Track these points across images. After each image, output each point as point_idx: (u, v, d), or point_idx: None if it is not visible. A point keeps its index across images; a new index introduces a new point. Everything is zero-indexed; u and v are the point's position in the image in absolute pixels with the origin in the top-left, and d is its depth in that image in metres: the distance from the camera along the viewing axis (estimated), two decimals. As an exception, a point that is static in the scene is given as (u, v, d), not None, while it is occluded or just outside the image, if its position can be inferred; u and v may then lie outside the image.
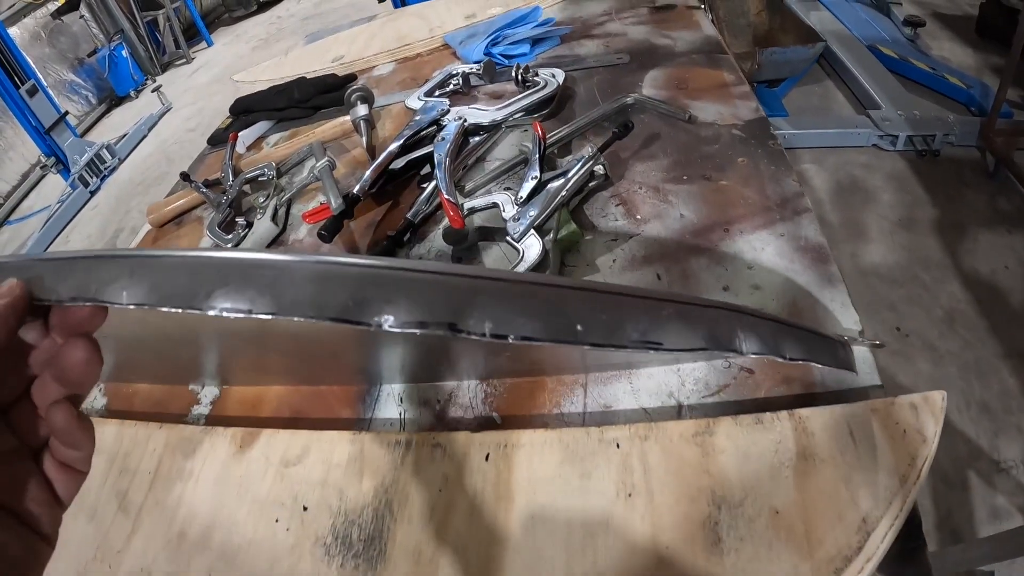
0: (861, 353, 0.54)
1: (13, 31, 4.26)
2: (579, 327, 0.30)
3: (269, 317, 0.26)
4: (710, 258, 0.65)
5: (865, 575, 0.39)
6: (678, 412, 0.55)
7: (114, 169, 3.92)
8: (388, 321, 0.26)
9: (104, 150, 3.90)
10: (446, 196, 0.76)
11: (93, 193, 3.78)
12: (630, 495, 0.48)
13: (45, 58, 4.77)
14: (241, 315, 0.26)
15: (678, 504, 0.46)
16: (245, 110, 1.31)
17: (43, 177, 4.35)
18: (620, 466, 0.49)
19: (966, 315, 1.80)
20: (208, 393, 0.74)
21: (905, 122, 2.42)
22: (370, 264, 0.28)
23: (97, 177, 3.85)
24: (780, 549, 0.42)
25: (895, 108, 2.50)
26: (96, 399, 0.80)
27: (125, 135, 4.09)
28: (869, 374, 0.53)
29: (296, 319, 0.26)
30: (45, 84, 3.95)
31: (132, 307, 0.27)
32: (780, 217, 0.68)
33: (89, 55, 4.94)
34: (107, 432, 0.71)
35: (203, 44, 5.69)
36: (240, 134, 1.24)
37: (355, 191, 0.84)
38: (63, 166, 3.86)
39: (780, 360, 0.39)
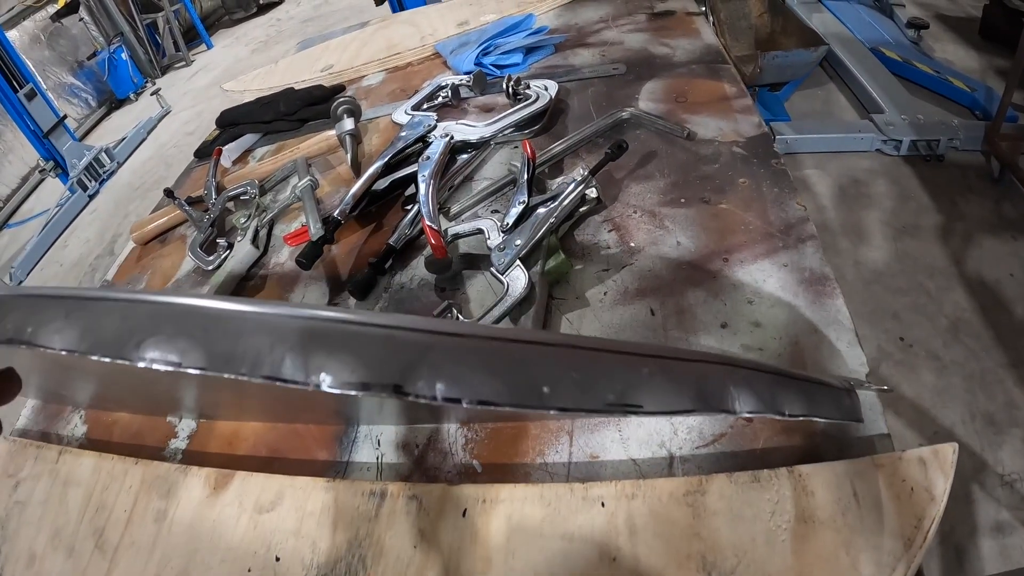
0: (867, 398, 0.50)
1: (12, 34, 4.23)
2: (545, 388, 0.27)
3: (196, 372, 0.25)
4: (708, 291, 0.61)
5: None
6: (669, 464, 0.51)
7: (113, 173, 3.89)
8: (326, 381, 0.25)
9: (103, 154, 3.87)
10: (428, 223, 0.72)
11: (92, 197, 3.75)
12: (614, 559, 0.45)
13: (44, 61, 4.74)
14: (169, 368, 0.25)
15: (665, 570, 0.43)
16: (232, 123, 1.27)
17: (42, 181, 4.32)
18: (605, 527, 0.46)
19: (971, 324, 1.76)
20: (185, 426, 0.71)
21: (909, 127, 2.38)
22: (312, 316, 0.27)
23: (96, 181, 3.82)
24: None
25: (899, 112, 2.45)
26: (76, 427, 0.77)
27: (124, 139, 4.06)
28: (875, 421, 0.49)
29: (227, 375, 0.25)
30: (44, 87, 3.92)
31: (63, 352, 0.26)
32: (783, 245, 0.64)
33: (89, 58, 4.91)
34: (85, 465, 0.68)
35: (203, 47, 5.65)
36: (225, 148, 1.20)
37: (336, 214, 0.80)
38: (62, 170, 3.84)
39: (779, 418, 0.35)
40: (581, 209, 0.75)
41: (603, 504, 0.48)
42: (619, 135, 0.89)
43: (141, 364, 0.25)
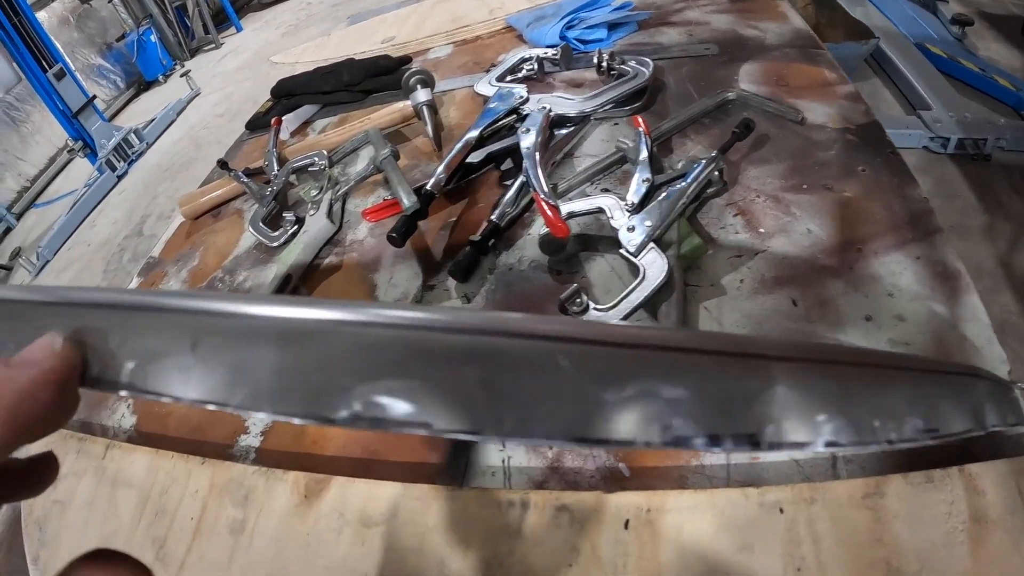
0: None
1: (41, 15, 4.17)
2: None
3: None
4: (846, 282, 0.55)
5: None
6: (833, 464, 0.45)
7: (142, 154, 3.82)
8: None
9: (132, 135, 3.80)
10: (543, 198, 0.63)
11: (120, 178, 3.68)
12: (799, 570, 0.39)
13: (73, 43, 4.68)
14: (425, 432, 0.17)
15: (852, 580, 0.38)
16: (288, 93, 1.18)
17: (70, 161, 4.27)
18: (785, 536, 0.41)
19: (1017, 327, 1.68)
20: (258, 419, 0.61)
21: (956, 124, 2.29)
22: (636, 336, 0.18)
23: (124, 162, 3.75)
24: None
25: (946, 110, 2.36)
26: (124, 417, 0.68)
27: (153, 120, 3.99)
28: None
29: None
30: (73, 68, 3.85)
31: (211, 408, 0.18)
32: (912, 237, 0.58)
33: (117, 40, 4.85)
34: (138, 463, 0.60)
35: (232, 29, 5.57)
36: (284, 117, 1.11)
37: (428, 187, 0.71)
38: (90, 150, 3.77)
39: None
40: (708, 191, 0.66)
41: (781, 510, 0.41)
42: (725, 116, 0.81)
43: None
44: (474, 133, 0.78)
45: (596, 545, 0.43)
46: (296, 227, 0.83)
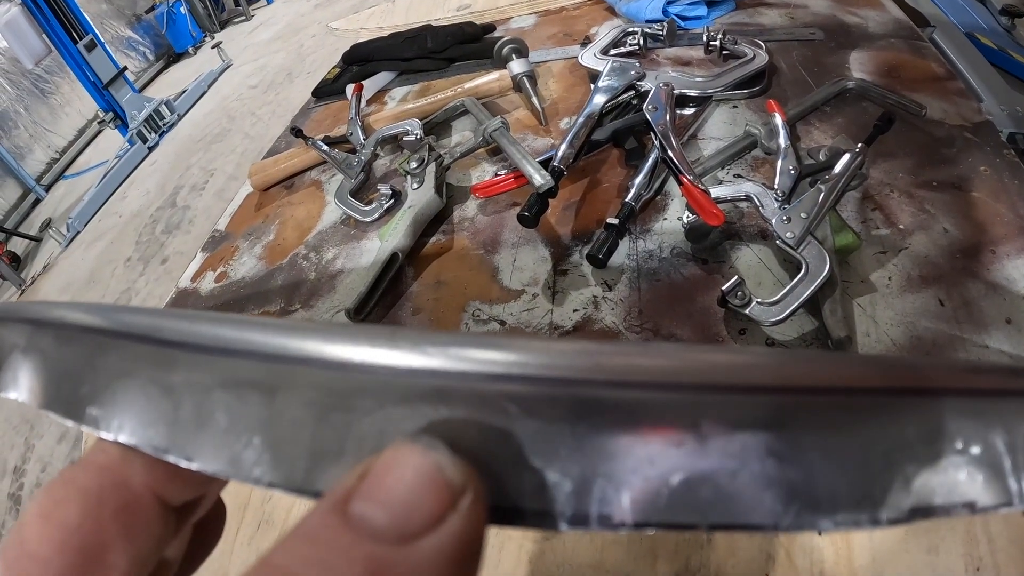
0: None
1: (72, -16, 4.12)
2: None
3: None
4: (985, 284, 0.53)
5: None
6: None
7: (173, 125, 3.78)
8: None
9: (163, 106, 3.77)
10: (691, 181, 0.57)
11: (151, 149, 3.65)
12: (978, 570, 0.39)
13: (102, 14, 4.65)
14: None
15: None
16: (363, 59, 1.12)
17: (99, 132, 4.25)
18: (964, 537, 0.40)
19: None
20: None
21: (1008, 118, 2.20)
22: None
23: (155, 133, 3.72)
24: None
25: (998, 103, 2.27)
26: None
27: (184, 91, 3.95)
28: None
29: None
30: (103, 40, 3.81)
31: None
32: None
33: (147, 11, 4.82)
34: None
35: (263, 1, 5.50)
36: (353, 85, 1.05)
37: (556, 163, 0.64)
38: (121, 121, 3.75)
39: None
40: (853, 183, 0.61)
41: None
42: (844, 105, 0.77)
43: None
44: (597, 105, 0.71)
45: (791, 552, 0.40)
46: (392, 201, 0.78)
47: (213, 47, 4.29)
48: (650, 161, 0.65)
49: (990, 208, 0.60)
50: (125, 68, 3.78)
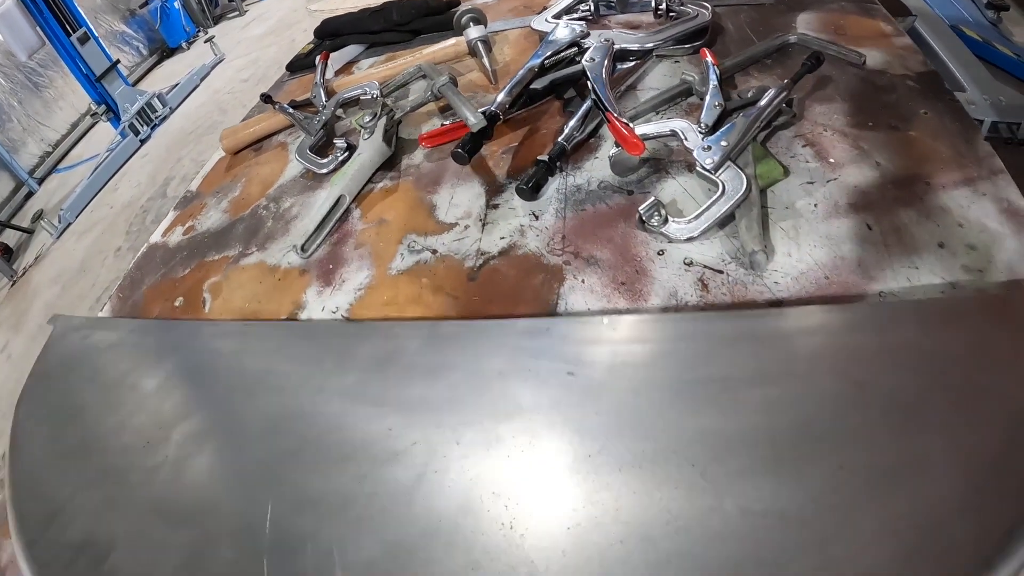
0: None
1: (66, -22, 4.18)
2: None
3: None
4: (918, 211, 0.56)
5: None
6: None
7: (165, 118, 3.84)
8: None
9: (155, 99, 3.82)
10: (616, 116, 0.61)
11: (143, 142, 3.70)
12: None
13: (96, 9, 4.71)
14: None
15: None
16: (333, 33, 1.17)
17: (93, 126, 4.31)
18: None
19: None
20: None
21: (991, 107, 2.26)
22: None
23: (147, 126, 3.77)
24: None
25: (981, 92, 2.32)
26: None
27: (177, 84, 4.00)
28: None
29: None
30: (96, 34, 3.86)
31: None
32: (978, 176, 0.59)
33: (141, 6, 4.88)
34: None
35: (256, -3, 5.57)
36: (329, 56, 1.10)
37: (493, 108, 0.69)
38: (113, 114, 3.80)
39: None
40: (779, 119, 0.65)
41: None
42: (787, 59, 0.81)
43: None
44: (537, 60, 0.76)
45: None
46: (347, 153, 0.82)
47: (206, 41, 4.35)
48: (584, 106, 0.70)
49: (928, 146, 0.63)
50: (118, 61, 3.83)
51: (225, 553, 0.42)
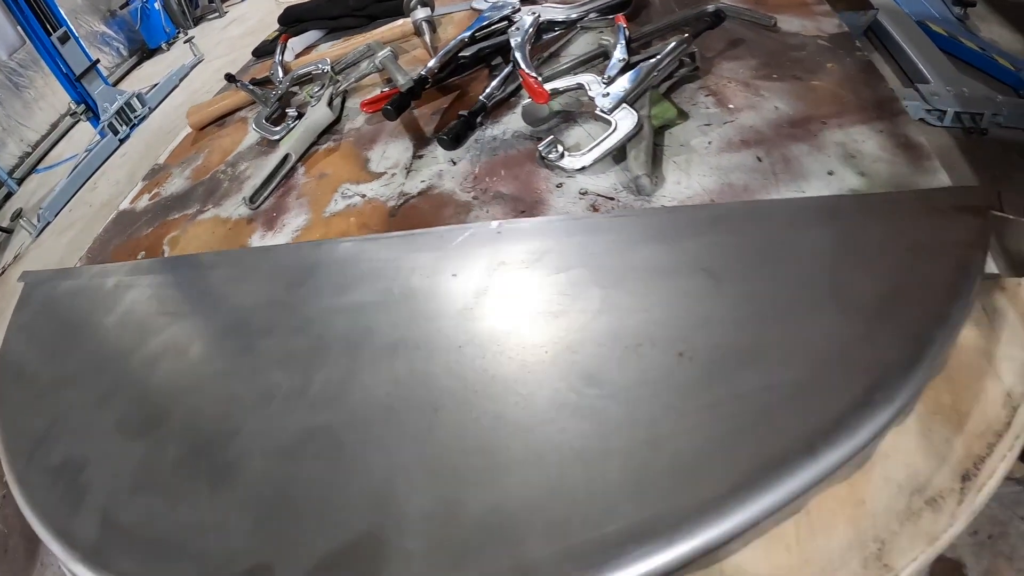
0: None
1: (46, -22, 4.24)
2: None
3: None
4: (811, 145, 0.61)
5: (1015, 453, 0.37)
6: None
7: (144, 118, 3.90)
8: None
9: (134, 99, 3.88)
10: (526, 70, 0.70)
11: (122, 141, 3.76)
12: None
13: (77, 9, 4.76)
14: None
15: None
16: (296, 20, 1.25)
17: (73, 126, 4.36)
18: None
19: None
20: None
21: (954, 98, 2.34)
22: None
23: (127, 125, 3.83)
24: (929, 421, 0.39)
25: (944, 84, 2.41)
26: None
27: (156, 85, 4.07)
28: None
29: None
30: (77, 35, 3.93)
31: None
32: (877, 116, 0.64)
33: (121, 7, 4.93)
34: None
35: (236, -1, 5.65)
36: (290, 41, 1.18)
37: (423, 72, 0.77)
38: (93, 114, 3.85)
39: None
40: (679, 71, 0.73)
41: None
42: (703, 26, 0.88)
43: None
44: (467, 33, 0.85)
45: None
46: (297, 121, 0.90)
47: (185, 42, 4.41)
48: (507, 70, 0.78)
49: (829, 93, 0.68)
50: (97, 61, 3.89)
51: (180, 451, 0.48)
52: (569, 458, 0.35)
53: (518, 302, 0.45)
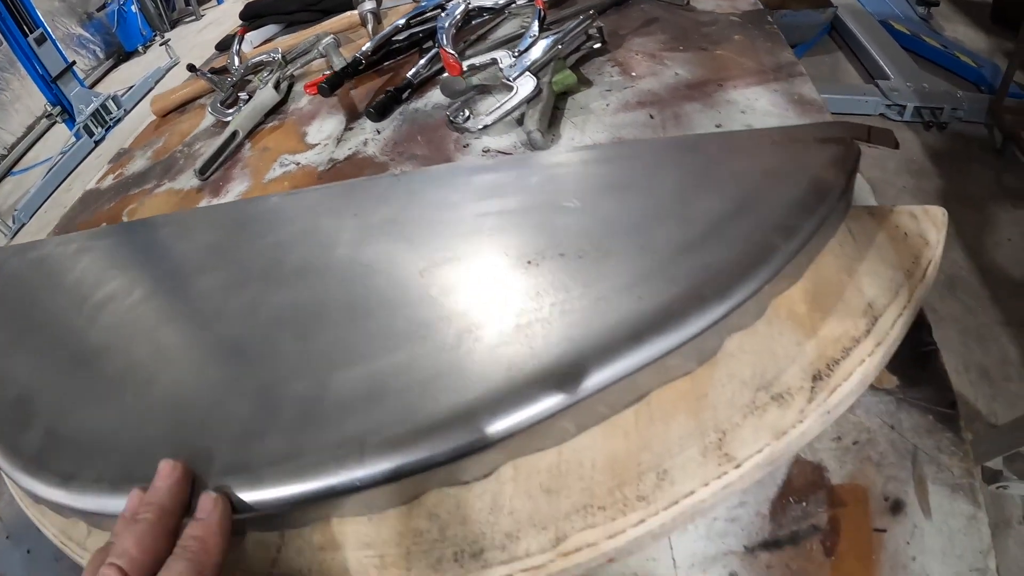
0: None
1: (22, -20, 4.30)
2: None
3: None
4: (703, 103, 0.68)
5: (876, 360, 0.39)
6: None
7: (119, 120, 3.96)
8: None
9: (110, 101, 3.94)
10: (444, 47, 0.79)
11: (98, 143, 3.82)
12: None
13: (54, 11, 4.81)
14: None
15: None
16: (255, 15, 1.34)
17: (49, 128, 4.40)
18: None
19: (967, 282, 1.80)
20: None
21: (914, 93, 2.42)
22: None
23: (102, 127, 3.89)
24: (780, 325, 0.41)
25: (904, 80, 2.50)
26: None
27: (132, 87, 4.13)
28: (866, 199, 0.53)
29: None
30: (54, 37, 3.99)
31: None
32: (775, 78, 0.70)
33: (98, 9, 4.99)
34: None
35: (212, 2, 5.72)
36: (248, 35, 1.27)
37: (357, 56, 0.87)
38: (69, 116, 3.91)
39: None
40: (586, 44, 0.82)
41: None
42: (625, 9, 0.96)
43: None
44: (401, 21, 0.94)
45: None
46: (248, 102, 0.99)
47: (161, 44, 4.48)
48: (433, 51, 0.88)
49: (731, 60, 0.74)
50: (74, 62, 3.95)
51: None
52: (417, 343, 0.42)
53: (402, 233, 0.53)
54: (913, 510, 0.35)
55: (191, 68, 1.20)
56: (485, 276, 0.45)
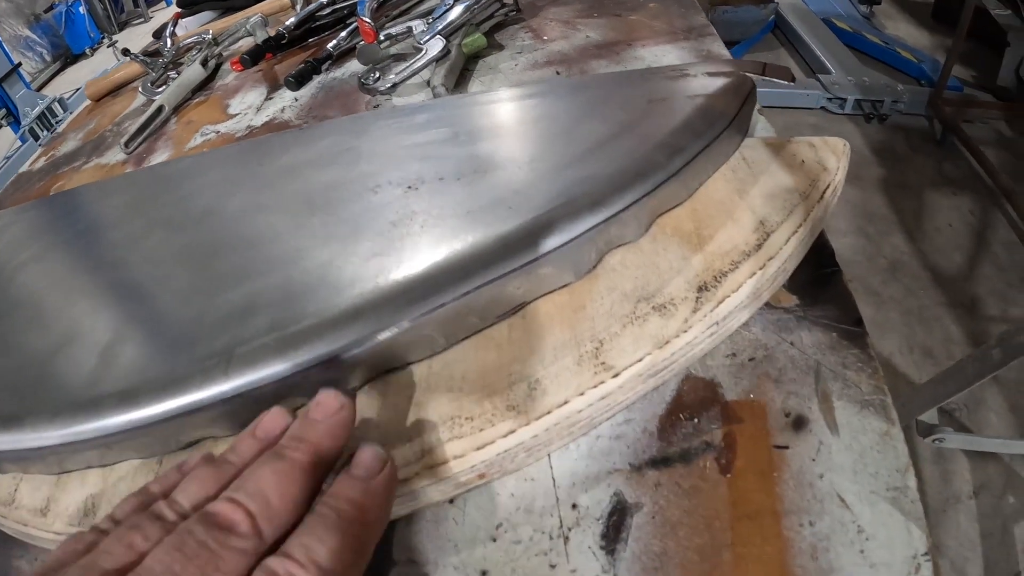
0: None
1: (-35, -19, 4.24)
2: None
3: None
4: (610, 60, 0.73)
5: (768, 274, 0.39)
6: None
7: (65, 123, 3.91)
8: None
9: (56, 103, 3.89)
10: (361, 16, 0.83)
11: (43, 147, 3.76)
12: None
13: (0, 13, 4.75)
14: None
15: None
16: (191, 2, 1.37)
17: (-6, 132, 4.32)
18: None
19: (909, 266, 1.90)
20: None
21: (854, 87, 2.53)
22: None
23: (48, 131, 3.84)
24: (666, 242, 0.41)
25: (845, 74, 2.60)
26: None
27: (79, 89, 4.08)
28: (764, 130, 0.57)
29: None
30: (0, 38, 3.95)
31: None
32: (685, 38, 0.75)
33: (46, 11, 4.94)
34: None
35: (162, 3, 5.70)
36: (184, 20, 1.30)
37: (280, 30, 0.91)
38: (13, 119, 3.86)
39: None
40: (499, 12, 0.87)
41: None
42: None
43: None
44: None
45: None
46: (176, 79, 1.02)
47: (109, 46, 4.45)
48: (353, 24, 0.92)
49: (643, 24, 0.78)
50: (19, 64, 3.90)
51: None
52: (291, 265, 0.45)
53: (298, 175, 0.57)
54: (818, 427, 0.34)
55: (125, 52, 1.23)
56: (365, 203, 0.50)
